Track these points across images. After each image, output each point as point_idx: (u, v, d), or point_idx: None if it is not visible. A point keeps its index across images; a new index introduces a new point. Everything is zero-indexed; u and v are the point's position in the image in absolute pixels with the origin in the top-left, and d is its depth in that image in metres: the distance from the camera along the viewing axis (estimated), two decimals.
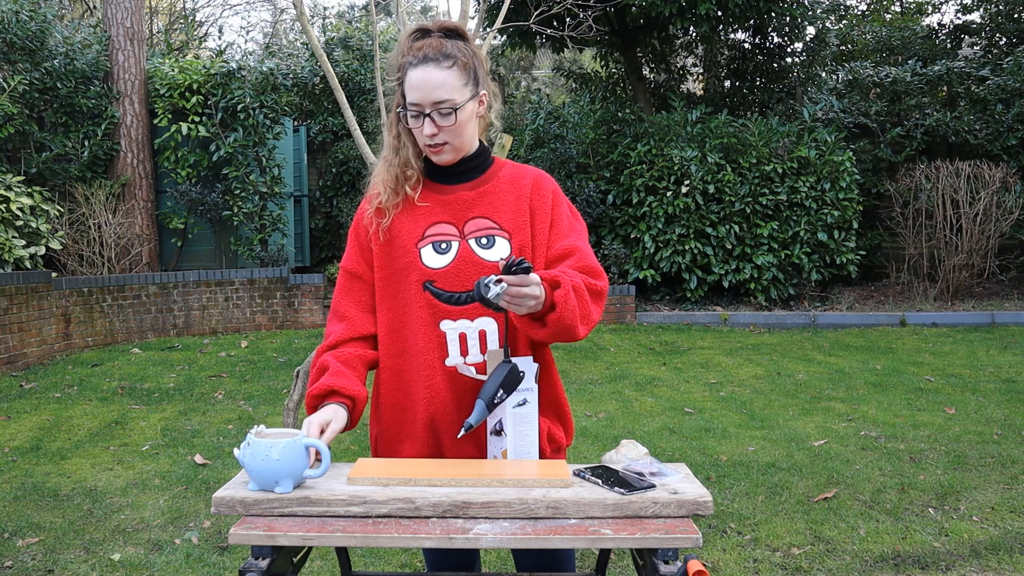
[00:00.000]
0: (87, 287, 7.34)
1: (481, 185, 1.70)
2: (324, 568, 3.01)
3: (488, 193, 1.69)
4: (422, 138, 1.63)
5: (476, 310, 1.62)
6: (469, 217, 1.67)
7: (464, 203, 1.68)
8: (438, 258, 1.64)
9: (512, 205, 1.69)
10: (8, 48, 7.89)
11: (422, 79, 1.59)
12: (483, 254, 1.64)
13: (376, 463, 1.64)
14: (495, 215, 1.67)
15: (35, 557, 3.12)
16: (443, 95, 1.59)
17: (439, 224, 1.67)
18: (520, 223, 1.68)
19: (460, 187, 1.70)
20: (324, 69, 3.65)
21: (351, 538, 1.43)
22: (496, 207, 1.68)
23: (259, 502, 1.50)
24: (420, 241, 1.66)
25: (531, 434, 1.73)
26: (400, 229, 1.68)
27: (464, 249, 1.64)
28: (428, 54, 1.60)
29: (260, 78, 8.51)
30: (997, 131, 9.38)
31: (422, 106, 1.60)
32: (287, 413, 3.54)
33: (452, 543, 1.41)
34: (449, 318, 1.63)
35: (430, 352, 1.64)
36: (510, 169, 1.74)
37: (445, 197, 1.69)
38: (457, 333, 1.63)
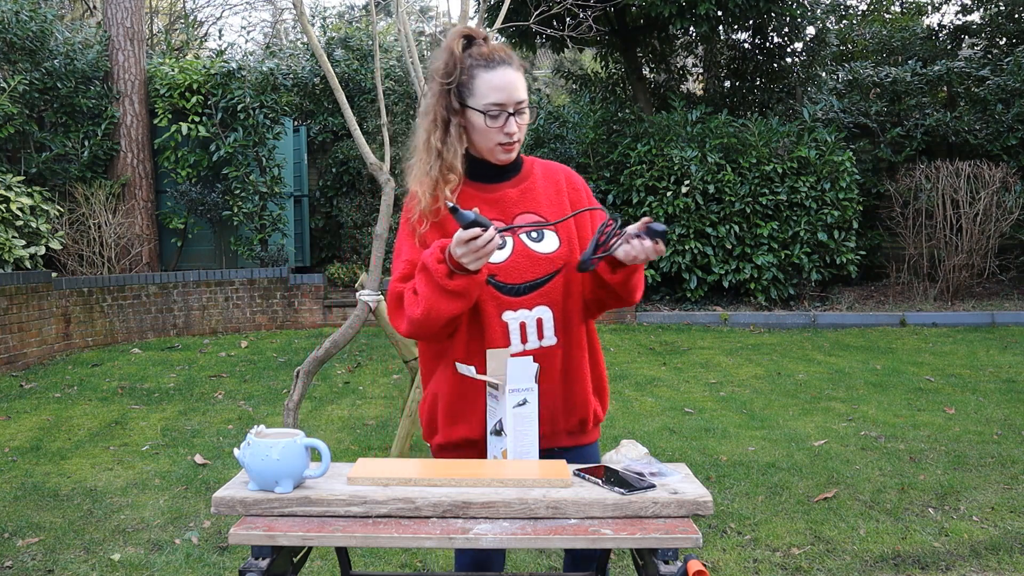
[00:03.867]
0: (87, 287, 7.34)
1: (521, 183, 1.81)
2: (324, 568, 3.01)
3: (529, 190, 1.80)
4: (496, 137, 1.72)
5: (534, 300, 1.73)
6: (516, 213, 1.77)
7: (510, 201, 1.78)
8: (497, 253, 1.69)
9: (552, 199, 1.81)
10: (8, 48, 7.89)
11: (504, 80, 1.69)
12: (536, 247, 1.75)
13: (376, 463, 1.64)
14: (539, 210, 1.79)
15: (35, 557, 3.12)
16: (522, 95, 1.71)
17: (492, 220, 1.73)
18: (560, 215, 1.80)
19: (503, 185, 1.79)
20: (324, 69, 3.65)
21: (351, 538, 1.43)
22: (539, 202, 1.80)
23: (259, 502, 1.50)
24: None
25: (531, 434, 1.73)
26: (454, 229, 1.70)
27: (518, 243, 1.74)
28: (502, 57, 1.71)
29: (260, 78, 8.51)
30: (997, 131, 9.38)
31: (506, 105, 1.69)
32: (287, 413, 3.54)
33: (452, 543, 1.41)
34: (511, 309, 1.72)
35: (496, 342, 1.72)
36: (540, 166, 1.86)
37: (491, 196, 1.78)
38: (518, 323, 1.73)
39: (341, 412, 5.19)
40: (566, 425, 1.82)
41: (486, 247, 1.54)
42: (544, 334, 1.75)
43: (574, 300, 1.78)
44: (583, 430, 1.86)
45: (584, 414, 1.84)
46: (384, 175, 3.67)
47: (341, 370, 6.37)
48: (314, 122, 9.93)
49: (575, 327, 1.79)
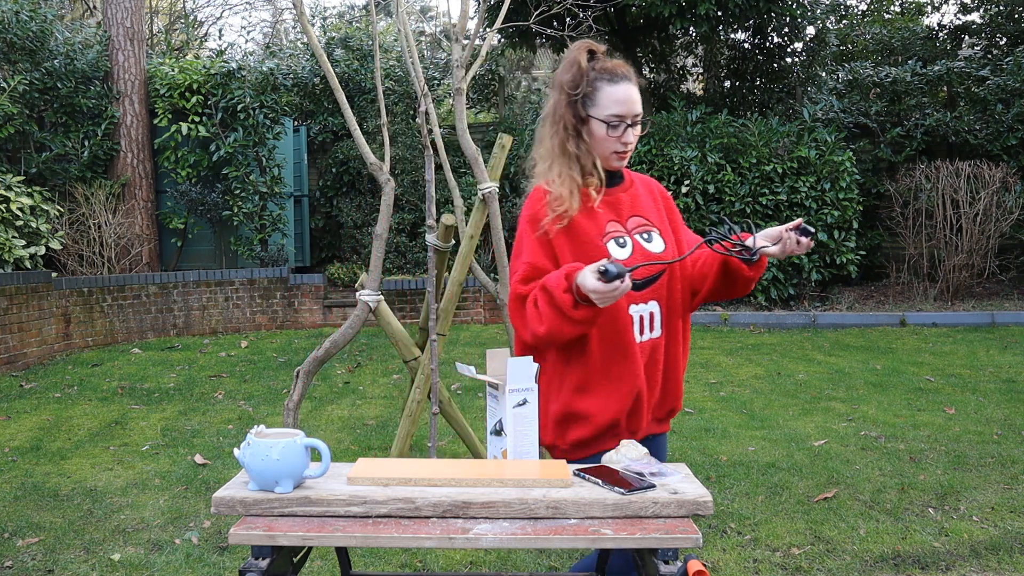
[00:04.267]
0: (87, 287, 7.34)
1: (627, 189, 1.97)
2: (324, 568, 3.01)
3: (634, 195, 1.97)
4: (613, 146, 1.87)
5: (648, 295, 1.89)
6: (628, 216, 1.93)
7: (622, 204, 1.93)
8: (621, 251, 1.86)
9: (652, 205, 1.98)
10: (8, 48, 7.89)
11: (627, 94, 1.85)
12: (648, 247, 1.90)
13: (376, 463, 1.64)
14: (644, 213, 1.95)
15: (35, 557, 3.12)
16: (639, 109, 1.88)
17: (612, 222, 1.89)
18: (661, 219, 1.98)
19: (615, 190, 1.94)
20: (324, 69, 3.65)
21: (351, 538, 1.43)
22: (642, 207, 1.96)
23: (259, 502, 1.50)
24: (603, 237, 1.86)
25: (531, 434, 1.73)
26: (582, 227, 1.86)
27: (636, 243, 1.89)
28: (624, 73, 1.88)
29: (260, 78, 8.51)
30: (997, 131, 9.38)
31: (625, 117, 1.85)
32: (287, 413, 3.54)
33: (452, 543, 1.41)
34: (634, 302, 1.86)
35: (630, 331, 1.85)
36: (635, 176, 2.03)
37: (608, 199, 1.92)
38: (638, 316, 1.87)
39: (341, 412, 5.19)
40: (660, 413, 1.97)
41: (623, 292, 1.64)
42: (653, 327, 1.90)
43: (675, 296, 1.93)
44: (667, 419, 2.02)
45: (675, 404, 2.00)
46: (384, 175, 3.66)
47: (341, 370, 6.37)
48: (314, 122, 9.93)
49: (675, 320, 1.94)
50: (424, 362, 3.73)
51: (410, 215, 9.10)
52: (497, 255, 3.59)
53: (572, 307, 1.70)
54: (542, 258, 1.86)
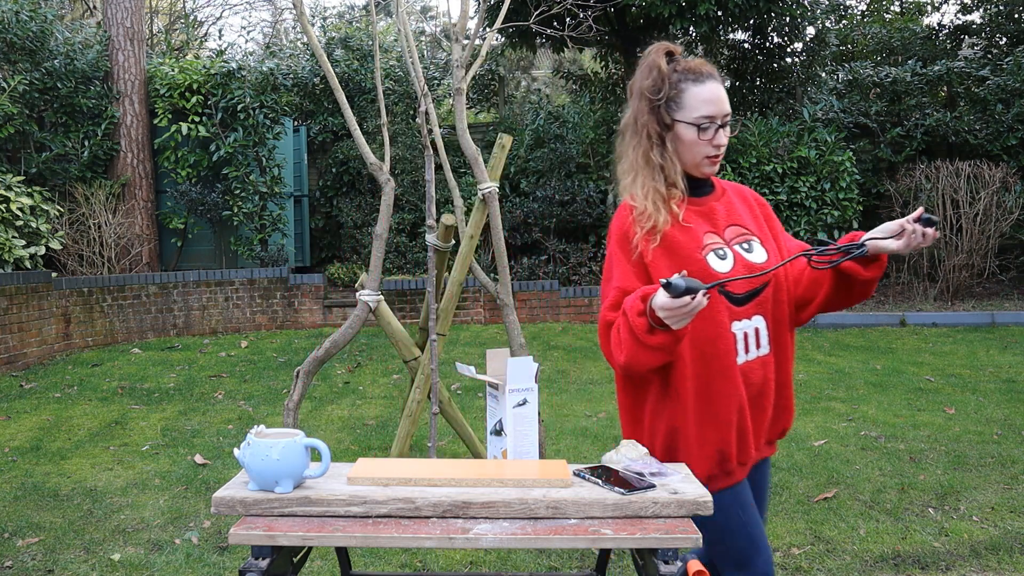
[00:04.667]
0: (87, 287, 7.34)
1: (720, 197, 1.84)
2: (324, 568, 3.01)
3: (728, 204, 1.83)
4: (705, 150, 1.75)
5: (752, 310, 1.75)
6: (726, 225, 1.79)
7: (717, 213, 1.80)
8: (722, 264, 1.72)
9: (748, 213, 1.86)
10: (8, 48, 7.89)
11: (715, 94, 1.73)
12: (749, 257, 1.76)
13: (376, 463, 1.64)
14: (742, 222, 1.82)
15: (35, 557, 3.12)
16: (728, 107, 1.76)
17: (709, 233, 1.76)
18: (760, 227, 1.85)
19: (707, 199, 1.81)
20: (324, 69, 3.65)
21: (351, 538, 1.43)
22: (739, 215, 1.83)
23: (259, 502, 1.50)
24: (702, 250, 1.73)
25: (531, 434, 1.73)
26: (678, 241, 1.72)
27: (737, 255, 1.75)
28: (709, 71, 1.75)
29: (260, 78, 8.51)
30: (997, 131, 9.38)
31: (715, 118, 1.73)
32: (287, 413, 3.54)
33: (452, 543, 1.41)
34: (737, 319, 1.73)
35: (729, 353, 1.71)
36: (727, 185, 1.90)
37: (701, 209, 1.79)
38: (742, 332, 1.74)
39: (341, 412, 5.19)
40: (770, 435, 1.84)
41: (694, 310, 1.51)
42: (760, 343, 1.76)
43: (782, 309, 1.80)
44: (779, 439, 1.91)
45: (787, 423, 1.87)
46: (384, 175, 3.66)
47: (341, 370, 6.37)
48: (314, 122, 9.93)
49: (784, 335, 1.81)
50: (424, 362, 3.73)
51: (410, 215, 9.10)
52: (497, 255, 3.59)
53: (647, 331, 1.58)
54: (634, 281, 1.72)
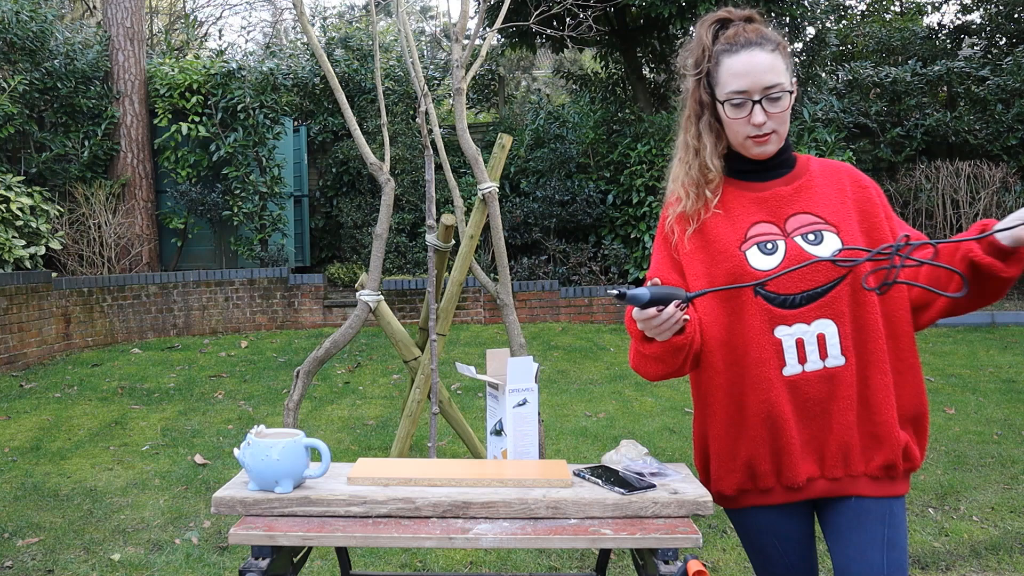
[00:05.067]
0: (87, 287, 7.34)
1: (795, 180, 1.60)
2: (324, 568, 3.01)
3: (805, 188, 1.58)
4: (744, 129, 1.54)
5: (813, 312, 1.50)
6: (790, 214, 1.56)
7: (782, 199, 1.57)
8: (766, 259, 1.52)
9: (833, 199, 1.58)
10: (8, 48, 7.89)
11: (749, 63, 1.51)
12: (813, 250, 1.51)
13: (376, 463, 1.64)
14: (817, 209, 1.56)
15: (35, 557, 3.12)
16: (773, 79, 1.51)
17: (760, 224, 1.56)
18: (844, 216, 1.56)
19: (775, 183, 1.59)
20: (324, 69, 3.65)
21: (351, 538, 1.43)
22: (816, 201, 1.57)
23: (259, 502, 1.50)
24: (743, 243, 1.55)
25: (531, 434, 1.73)
26: (717, 233, 1.57)
27: (793, 248, 1.52)
28: (751, 38, 1.53)
29: (260, 78, 8.51)
30: (997, 131, 9.38)
31: (750, 93, 1.51)
32: (287, 413, 3.54)
33: (452, 543, 1.41)
34: (785, 323, 1.51)
35: (767, 362, 1.51)
36: (817, 164, 1.63)
37: (760, 195, 1.59)
38: (794, 339, 1.51)
39: (341, 412, 5.19)
40: (865, 467, 1.53)
41: (667, 322, 1.42)
42: (828, 352, 1.50)
43: (867, 311, 1.51)
44: (889, 475, 1.54)
45: (890, 455, 1.52)
46: (384, 175, 3.66)
47: (341, 370, 6.37)
48: (314, 122, 9.93)
49: (872, 343, 1.51)
50: (424, 362, 3.73)
51: (410, 215, 9.10)
52: (497, 255, 3.59)
53: (641, 339, 1.52)
54: (668, 273, 1.60)
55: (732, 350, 1.54)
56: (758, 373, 1.51)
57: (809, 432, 1.52)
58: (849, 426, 1.51)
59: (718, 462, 1.60)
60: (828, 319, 1.50)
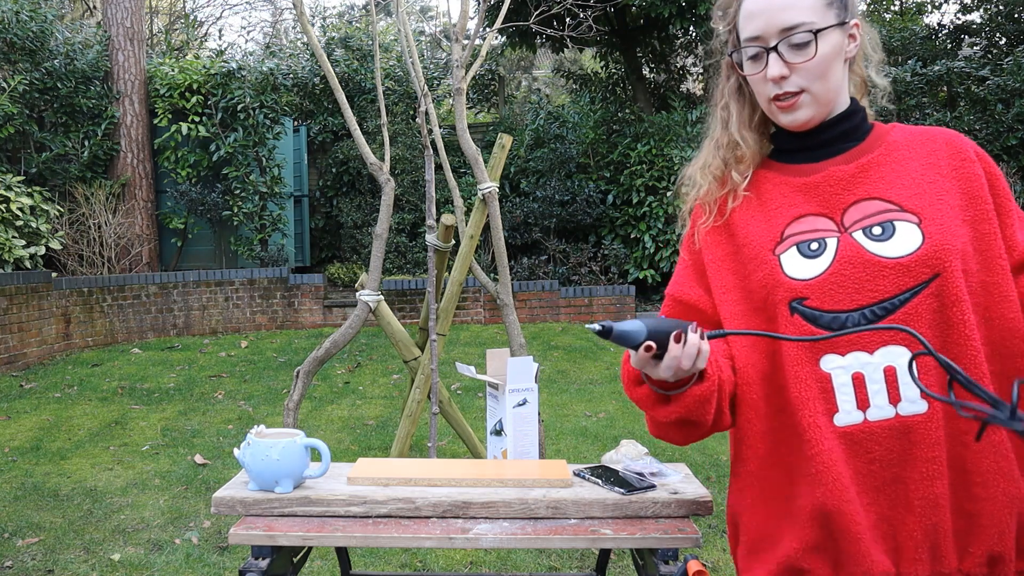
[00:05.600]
0: (87, 287, 7.34)
1: (862, 155, 1.18)
2: (324, 568, 3.01)
3: (874, 165, 1.16)
4: (765, 89, 1.17)
5: (877, 337, 1.07)
6: (850, 202, 1.14)
7: (839, 183, 1.16)
8: (808, 265, 1.12)
9: (917, 175, 1.15)
10: (8, 48, 7.89)
11: (763, 2, 1.15)
12: (879, 249, 1.09)
13: (376, 463, 1.64)
14: (890, 192, 1.14)
15: (35, 557, 3.12)
16: (794, 17, 1.12)
17: (804, 218, 1.16)
18: (932, 198, 1.12)
19: (830, 162, 1.19)
20: (324, 69, 3.65)
21: (351, 538, 1.43)
22: (890, 181, 1.15)
23: (259, 502, 1.50)
24: (779, 245, 1.16)
25: (531, 434, 1.73)
26: (748, 232, 1.19)
27: (848, 247, 1.11)
28: None
29: (260, 78, 8.51)
30: (997, 131, 9.39)
31: (765, 39, 1.14)
32: (287, 413, 3.54)
33: (452, 543, 1.41)
34: (835, 352, 1.09)
35: (809, 404, 1.09)
36: (905, 131, 1.21)
37: (808, 179, 1.18)
38: (849, 375, 1.08)
39: (341, 412, 5.19)
40: (960, 562, 1.07)
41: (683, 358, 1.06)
42: (901, 394, 1.06)
43: (961, 334, 1.08)
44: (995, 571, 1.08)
45: (999, 545, 1.07)
46: (384, 175, 3.67)
47: (341, 370, 6.37)
48: (314, 122, 9.93)
49: None
50: (424, 362, 3.73)
51: (410, 215, 9.11)
52: (497, 255, 3.59)
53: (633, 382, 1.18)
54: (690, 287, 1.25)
55: (772, 390, 1.15)
56: (801, 419, 1.10)
57: (877, 511, 1.07)
58: (936, 502, 1.06)
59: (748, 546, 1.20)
60: (900, 346, 1.07)
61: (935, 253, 1.07)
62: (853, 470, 1.08)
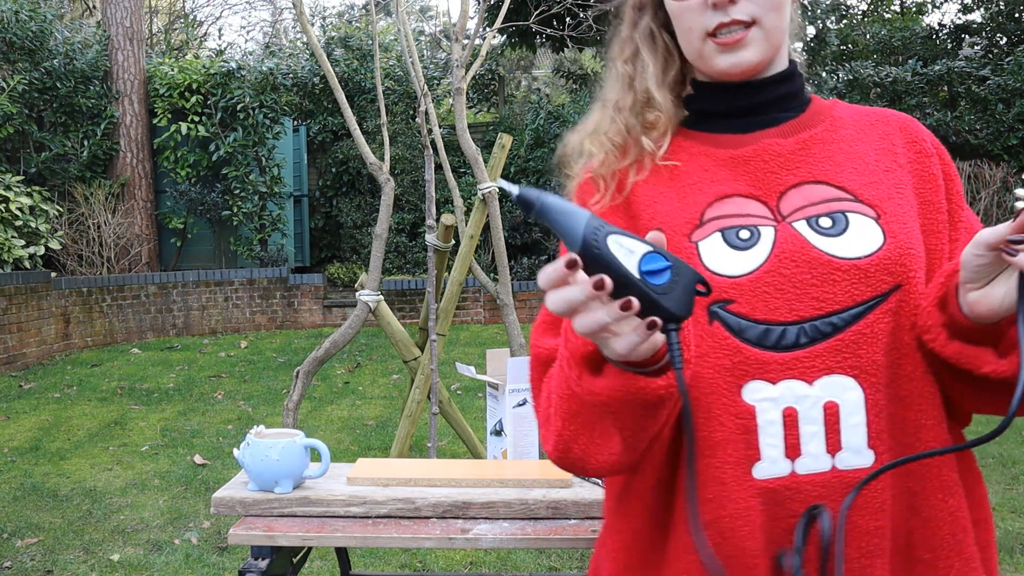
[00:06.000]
0: (86, 287, 7.34)
1: (803, 130, 0.93)
2: (324, 568, 3.00)
3: (818, 142, 0.92)
4: (701, 20, 0.89)
5: (821, 362, 0.80)
6: (790, 184, 0.89)
7: (776, 159, 0.90)
8: (736, 258, 0.84)
9: (870, 159, 0.91)
10: (8, 48, 7.89)
11: None
12: (828, 246, 0.83)
13: (376, 463, 1.64)
14: (840, 177, 0.89)
15: (34, 557, 3.11)
16: None
17: (731, 199, 0.89)
18: (890, 190, 0.88)
19: (763, 134, 0.93)
20: (324, 69, 3.64)
21: (351, 538, 1.42)
22: (839, 163, 0.90)
23: (259, 502, 1.49)
24: (697, 229, 0.87)
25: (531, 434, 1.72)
26: (656, 212, 0.89)
27: (789, 239, 0.84)
28: None
29: (260, 78, 8.51)
30: (998, 131, 9.38)
31: None
32: (287, 413, 3.54)
33: (452, 543, 1.41)
34: (765, 377, 0.80)
35: (727, 446, 0.80)
36: (848, 109, 0.98)
37: (736, 152, 0.92)
38: (779, 410, 0.79)
39: (341, 412, 5.19)
40: None
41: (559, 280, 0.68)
42: (842, 442, 0.79)
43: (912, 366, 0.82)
44: None
45: None
46: (384, 175, 3.66)
47: (341, 370, 6.36)
48: (314, 122, 9.93)
49: (928, 430, 0.82)
50: (424, 362, 3.72)
51: (410, 215, 9.10)
52: (497, 255, 3.59)
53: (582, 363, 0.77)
54: None
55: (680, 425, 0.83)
56: (704, 469, 0.81)
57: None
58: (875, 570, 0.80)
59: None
60: (849, 376, 0.79)
61: (899, 258, 0.82)
62: (768, 539, 0.79)
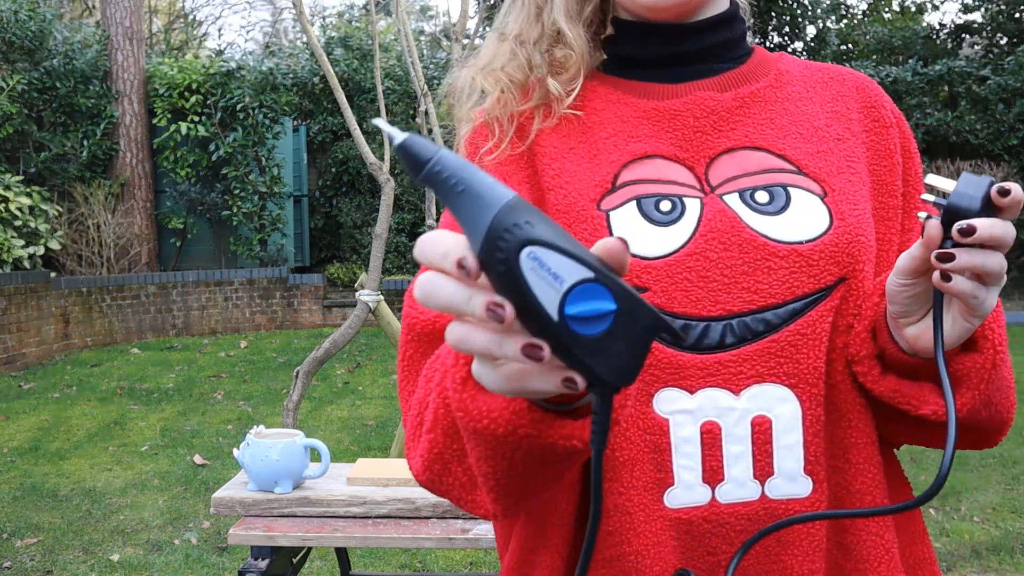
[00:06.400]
0: (86, 287, 7.33)
1: (743, 83, 0.77)
2: (324, 568, 3.00)
3: (759, 100, 0.76)
4: None
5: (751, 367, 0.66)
6: (723, 148, 0.73)
7: (708, 116, 0.74)
8: (655, 235, 0.69)
9: (819, 123, 0.75)
10: (7, 48, 7.88)
11: None
12: (765, 227, 0.68)
13: (376, 463, 1.63)
14: (782, 143, 0.73)
15: (34, 558, 3.11)
16: None
17: (651, 161, 0.73)
18: (840, 163, 0.73)
19: (695, 85, 0.76)
20: (324, 69, 3.64)
21: (351, 538, 1.42)
22: (782, 126, 0.74)
23: (259, 502, 1.49)
24: (609, 195, 0.71)
25: None
26: (561, 171, 0.73)
27: (718, 216, 0.69)
28: None
29: (260, 78, 8.50)
30: (998, 131, 9.39)
31: None
32: (286, 413, 3.53)
33: (452, 543, 1.40)
34: (679, 385, 0.67)
35: (634, 468, 0.67)
36: (796, 64, 0.80)
37: (662, 104, 0.75)
38: (697, 425, 0.66)
39: (341, 412, 5.18)
40: None
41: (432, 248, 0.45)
42: (775, 465, 0.67)
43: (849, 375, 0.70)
44: None
45: None
46: (384, 175, 3.66)
47: (341, 370, 6.36)
48: (314, 122, 9.92)
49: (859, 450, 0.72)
50: None
51: (410, 215, 9.10)
52: None
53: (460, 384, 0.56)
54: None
55: None
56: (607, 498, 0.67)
57: None
58: None
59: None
60: (784, 385, 0.67)
61: (847, 245, 0.68)
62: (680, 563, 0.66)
